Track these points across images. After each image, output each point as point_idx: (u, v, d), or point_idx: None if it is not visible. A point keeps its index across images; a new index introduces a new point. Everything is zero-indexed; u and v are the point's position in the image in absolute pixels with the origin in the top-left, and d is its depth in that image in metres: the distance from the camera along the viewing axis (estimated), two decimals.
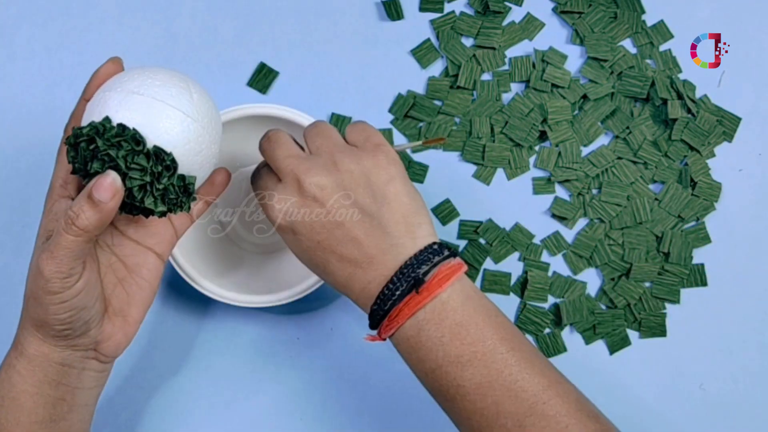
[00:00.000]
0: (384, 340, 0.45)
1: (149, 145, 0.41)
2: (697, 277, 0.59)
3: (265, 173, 0.47)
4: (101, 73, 0.44)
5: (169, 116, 0.41)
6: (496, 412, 0.42)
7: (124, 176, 0.40)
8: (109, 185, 0.39)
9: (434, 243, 0.44)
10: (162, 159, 0.41)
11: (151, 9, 0.63)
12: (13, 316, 0.59)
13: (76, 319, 0.42)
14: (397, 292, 0.43)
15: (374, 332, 0.45)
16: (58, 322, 0.41)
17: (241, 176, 0.59)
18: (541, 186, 0.60)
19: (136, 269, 0.45)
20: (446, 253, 0.44)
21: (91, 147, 0.40)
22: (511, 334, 0.44)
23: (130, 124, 0.40)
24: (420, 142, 0.52)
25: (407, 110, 0.61)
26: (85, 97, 0.44)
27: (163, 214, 0.42)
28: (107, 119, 0.41)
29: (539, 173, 0.61)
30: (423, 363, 0.43)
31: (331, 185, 0.44)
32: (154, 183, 0.41)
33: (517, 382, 0.42)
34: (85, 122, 0.42)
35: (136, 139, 0.40)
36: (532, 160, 0.61)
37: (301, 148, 0.46)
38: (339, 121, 0.61)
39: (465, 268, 0.44)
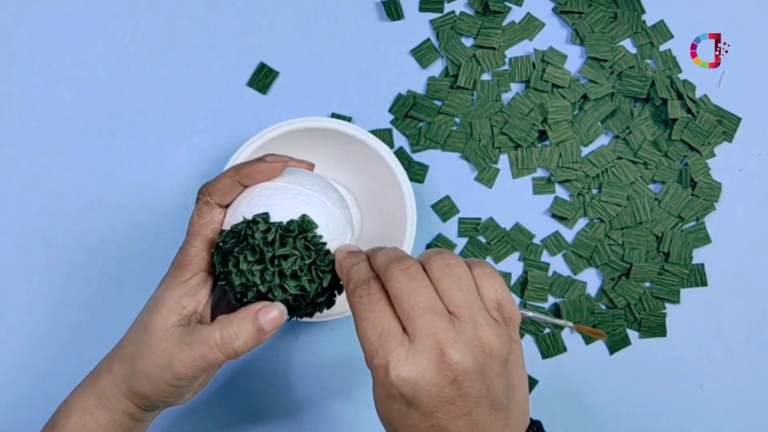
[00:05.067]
0: None
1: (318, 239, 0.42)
2: (697, 277, 0.59)
3: (377, 300, 0.38)
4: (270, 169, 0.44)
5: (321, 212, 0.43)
6: None
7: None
8: (277, 317, 0.41)
9: (533, 422, 0.40)
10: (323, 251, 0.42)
11: (151, 9, 0.63)
12: (12, 316, 0.59)
13: (179, 397, 0.43)
14: None
15: None
16: (162, 402, 0.43)
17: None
18: (541, 186, 0.60)
19: None
20: None
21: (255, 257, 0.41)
22: None
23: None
24: (570, 324, 0.43)
25: (407, 110, 0.61)
26: (241, 180, 0.43)
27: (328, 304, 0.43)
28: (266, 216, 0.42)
29: (539, 173, 0.61)
30: None
31: (474, 368, 0.36)
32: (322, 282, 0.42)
33: None
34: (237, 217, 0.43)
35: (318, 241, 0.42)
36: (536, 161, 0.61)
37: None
38: None
39: None
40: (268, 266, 0.40)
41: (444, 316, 0.37)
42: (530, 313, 0.42)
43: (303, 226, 0.41)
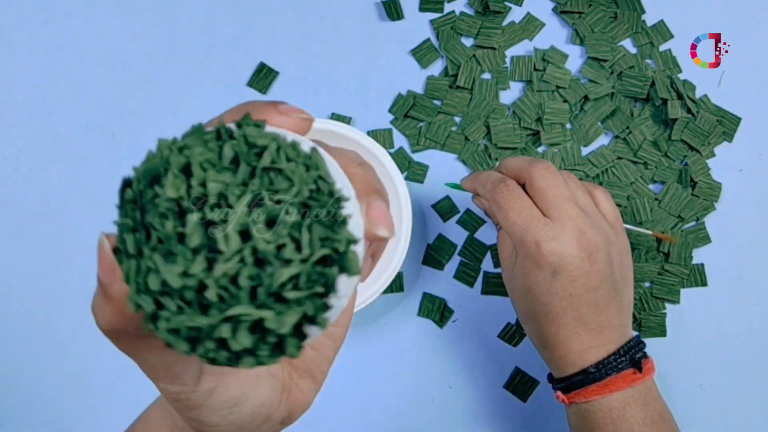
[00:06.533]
0: (569, 403, 0.47)
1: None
2: (697, 277, 0.59)
3: (518, 194, 0.47)
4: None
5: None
6: None
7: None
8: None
9: (638, 336, 0.48)
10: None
11: (151, 9, 0.63)
12: (13, 316, 0.60)
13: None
14: (620, 365, 0.46)
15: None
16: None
17: None
18: None
19: None
20: (645, 347, 0.48)
21: None
22: None
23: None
24: (650, 232, 0.56)
25: (407, 110, 0.61)
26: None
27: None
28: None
29: None
30: None
31: (603, 247, 0.46)
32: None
33: None
34: None
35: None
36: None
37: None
38: (339, 121, 0.61)
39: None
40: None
41: (579, 206, 0.46)
42: (627, 225, 0.52)
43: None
